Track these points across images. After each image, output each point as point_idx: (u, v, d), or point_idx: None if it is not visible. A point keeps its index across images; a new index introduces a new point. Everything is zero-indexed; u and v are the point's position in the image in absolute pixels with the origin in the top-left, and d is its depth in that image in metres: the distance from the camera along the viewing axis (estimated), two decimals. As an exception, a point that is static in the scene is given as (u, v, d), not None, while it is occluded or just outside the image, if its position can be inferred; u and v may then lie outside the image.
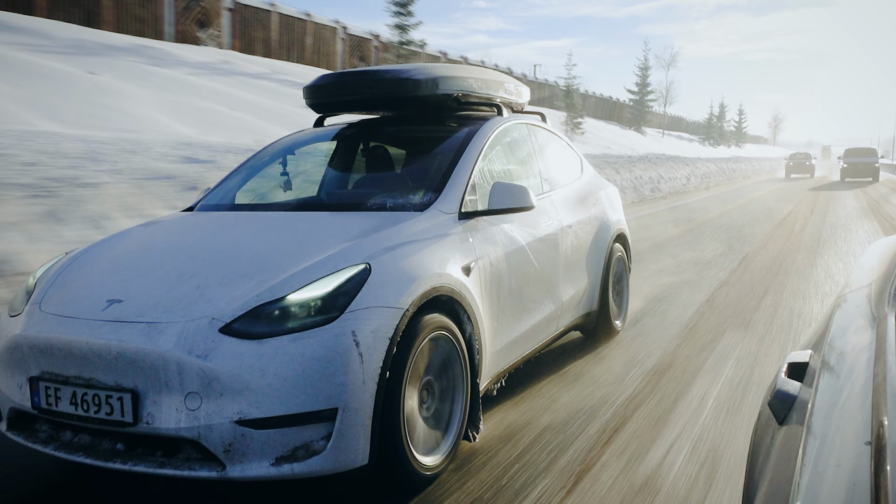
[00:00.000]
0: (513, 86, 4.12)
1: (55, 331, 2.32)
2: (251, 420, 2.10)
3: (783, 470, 1.06)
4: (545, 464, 2.67)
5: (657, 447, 2.80)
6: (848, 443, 0.96)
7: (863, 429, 0.96)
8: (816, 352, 1.44)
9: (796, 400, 1.29)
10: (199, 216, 3.26)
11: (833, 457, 0.94)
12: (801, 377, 1.37)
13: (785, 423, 1.25)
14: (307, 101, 3.75)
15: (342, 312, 2.24)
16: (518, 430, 3.01)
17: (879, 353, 1.19)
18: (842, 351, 1.35)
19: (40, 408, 2.31)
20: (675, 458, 2.69)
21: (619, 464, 2.66)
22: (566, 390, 3.52)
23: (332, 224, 2.83)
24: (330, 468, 2.18)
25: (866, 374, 1.14)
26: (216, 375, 2.10)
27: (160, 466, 2.16)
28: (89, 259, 2.74)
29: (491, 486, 2.50)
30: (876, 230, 10.88)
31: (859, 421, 1.00)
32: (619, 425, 3.04)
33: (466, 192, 3.05)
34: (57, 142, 7.51)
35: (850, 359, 1.29)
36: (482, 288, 2.90)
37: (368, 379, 2.22)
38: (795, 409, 1.25)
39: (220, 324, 2.18)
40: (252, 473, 2.11)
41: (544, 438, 2.91)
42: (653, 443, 2.84)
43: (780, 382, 1.38)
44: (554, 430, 3.00)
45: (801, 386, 1.33)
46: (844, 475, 0.88)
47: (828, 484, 0.88)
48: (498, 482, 2.52)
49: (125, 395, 2.15)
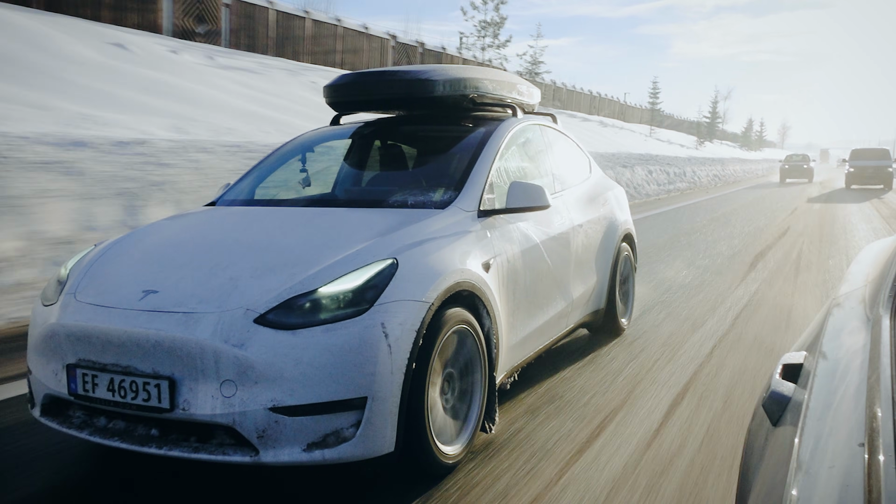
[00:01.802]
0: (525, 87, 4.21)
1: (92, 320, 2.39)
2: (284, 407, 2.18)
3: (776, 471, 1.06)
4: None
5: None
6: (842, 444, 0.96)
7: (856, 431, 0.96)
8: (811, 353, 1.43)
9: (790, 401, 1.29)
10: (223, 210, 3.34)
11: (827, 458, 0.94)
12: (795, 378, 1.37)
13: (779, 425, 1.25)
14: (327, 100, 3.83)
15: (371, 305, 2.32)
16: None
17: (874, 356, 1.19)
18: (836, 353, 1.35)
19: (77, 394, 2.38)
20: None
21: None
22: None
23: (356, 220, 2.91)
24: (359, 455, 2.26)
25: (860, 376, 1.14)
26: (251, 364, 2.18)
27: (194, 451, 2.24)
28: (121, 251, 2.82)
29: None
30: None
31: (853, 423, 1.00)
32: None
33: (485, 191, 3.14)
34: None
35: (845, 361, 1.28)
36: (500, 284, 2.98)
37: (396, 369, 2.30)
38: (789, 411, 1.25)
39: (254, 314, 2.26)
40: (284, 459, 2.20)
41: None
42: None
43: (775, 383, 1.38)
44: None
45: (796, 387, 1.33)
46: (838, 477, 0.88)
47: (821, 485, 0.89)
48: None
49: (162, 383, 2.23)
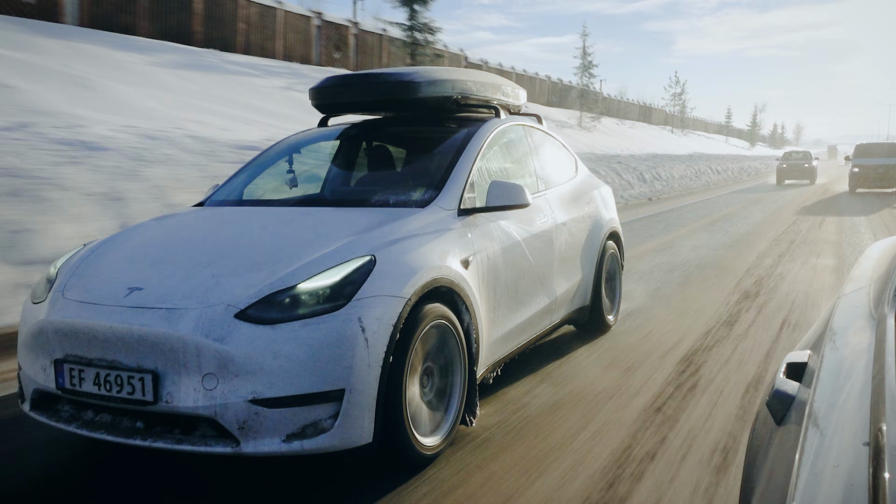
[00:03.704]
0: (510, 88, 4.29)
1: (79, 316, 2.47)
2: (264, 399, 2.25)
3: (781, 470, 1.06)
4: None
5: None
6: (846, 443, 0.95)
7: (861, 430, 0.96)
8: (815, 352, 1.42)
9: (795, 400, 1.28)
10: (210, 211, 3.42)
11: (831, 457, 0.94)
12: (799, 377, 1.37)
13: (783, 424, 1.25)
14: (313, 103, 3.90)
15: (349, 300, 2.39)
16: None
17: (878, 355, 1.18)
18: (841, 352, 1.34)
19: (64, 388, 2.46)
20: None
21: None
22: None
23: (337, 219, 2.99)
24: (337, 445, 2.34)
25: (865, 375, 1.14)
26: (232, 358, 2.26)
27: (178, 443, 2.31)
28: (108, 250, 2.89)
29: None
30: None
31: (858, 422, 0.99)
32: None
33: (465, 190, 3.21)
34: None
35: (849, 360, 1.28)
36: (480, 280, 3.05)
37: (373, 363, 2.37)
38: (794, 410, 1.25)
39: (235, 310, 2.34)
40: (264, 449, 2.27)
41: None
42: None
43: (779, 382, 1.38)
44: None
45: (800, 386, 1.32)
46: (842, 476, 0.88)
47: (825, 484, 0.88)
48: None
49: (146, 376, 2.31)
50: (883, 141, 24.77)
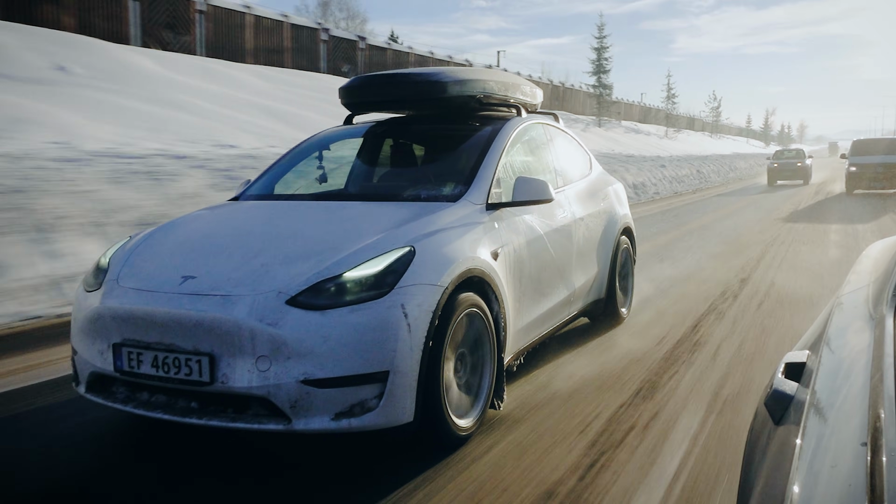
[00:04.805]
0: (528, 88, 4.44)
1: (136, 302, 2.62)
2: (315, 380, 2.41)
3: (779, 470, 1.06)
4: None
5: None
6: (844, 444, 0.95)
7: (859, 430, 0.96)
8: (814, 352, 1.42)
9: (793, 400, 1.28)
10: (248, 204, 3.57)
11: (829, 458, 0.94)
12: (798, 377, 1.37)
13: (781, 424, 1.25)
14: (342, 101, 4.05)
15: (392, 288, 2.55)
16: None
17: (877, 355, 1.18)
18: (839, 352, 1.34)
19: (123, 370, 2.61)
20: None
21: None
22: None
23: (375, 212, 3.14)
24: (381, 423, 2.49)
25: (863, 376, 1.14)
26: (284, 341, 2.41)
27: (232, 421, 2.47)
28: (156, 242, 3.04)
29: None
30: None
31: (856, 422, 0.99)
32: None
33: (492, 186, 3.37)
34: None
35: (848, 360, 1.28)
36: (507, 271, 3.21)
37: (415, 346, 2.53)
38: (792, 410, 1.25)
39: (286, 296, 2.49)
40: (314, 426, 2.43)
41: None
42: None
43: (777, 382, 1.38)
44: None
45: (798, 386, 1.33)
46: (840, 476, 0.88)
47: (823, 485, 0.89)
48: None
49: (203, 359, 2.46)
50: (882, 137, 22.91)
